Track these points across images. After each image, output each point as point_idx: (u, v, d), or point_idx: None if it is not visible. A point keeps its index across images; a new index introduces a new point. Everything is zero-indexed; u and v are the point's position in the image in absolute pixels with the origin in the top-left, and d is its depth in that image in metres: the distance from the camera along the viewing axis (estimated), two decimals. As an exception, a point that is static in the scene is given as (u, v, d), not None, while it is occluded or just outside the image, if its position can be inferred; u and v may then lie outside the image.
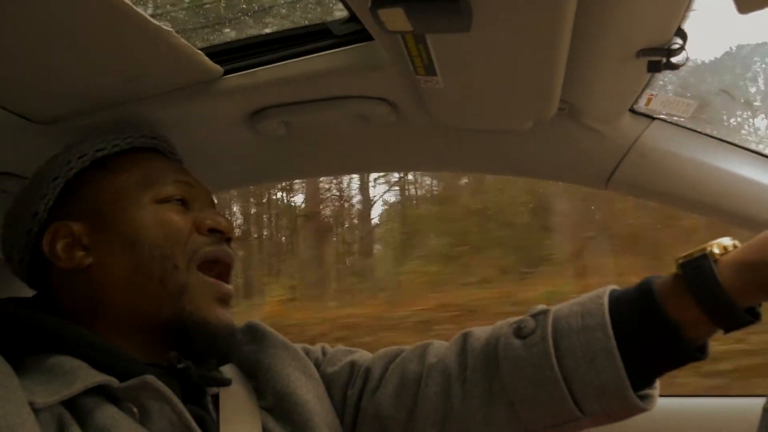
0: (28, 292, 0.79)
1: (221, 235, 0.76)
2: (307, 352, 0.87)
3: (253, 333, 0.85)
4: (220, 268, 0.76)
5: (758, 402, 0.66)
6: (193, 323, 0.71)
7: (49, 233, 0.73)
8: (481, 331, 0.77)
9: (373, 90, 0.89)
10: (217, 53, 0.87)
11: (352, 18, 0.80)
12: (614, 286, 0.71)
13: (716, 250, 0.63)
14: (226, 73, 0.87)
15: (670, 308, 0.64)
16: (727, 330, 0.63)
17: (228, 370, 0.79)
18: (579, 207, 4.38)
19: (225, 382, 0.74)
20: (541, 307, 0.73)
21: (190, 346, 0.71)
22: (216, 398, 0.73)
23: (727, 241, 0.65)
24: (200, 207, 0.79)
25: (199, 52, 0.81)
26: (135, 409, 0.63)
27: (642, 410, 0.67)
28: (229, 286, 0.76)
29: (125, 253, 0.72)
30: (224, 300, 0.74)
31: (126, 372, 0.65)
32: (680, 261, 0.64)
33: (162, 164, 0.81)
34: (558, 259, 4.47)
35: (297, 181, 5.79)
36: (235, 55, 0.89)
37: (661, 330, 0.64)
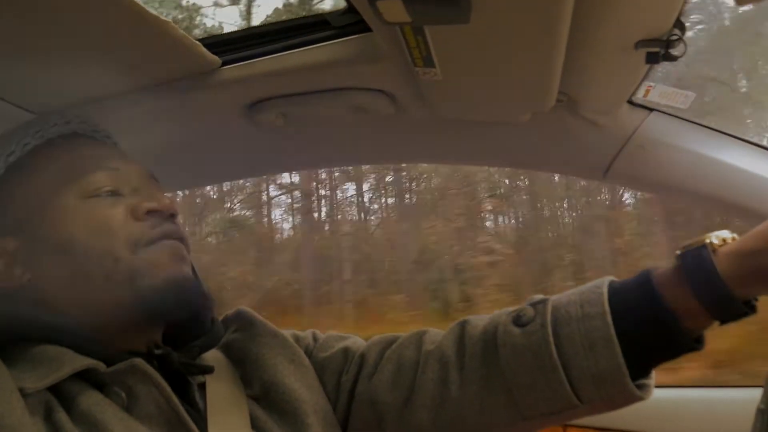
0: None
1: (161, 214, 0.72)
2: (297, 339, 0.86)
3: (242, 320, 0.84)
4: (171, 237, 0.73)
5: (755, 392, 0.67)
6: (153, 293, 0.68)
7: None
8: (478, 320, 0.77)
9: (372, 82, 0.89)
10: (215, 44, 0.87)
11: (351, 9, 0.80)
12: (612, 278, 0.72)
13: (715, 241, 0.64)
14: (224, 64, 0.87)
15: (668, 298, 0.64)
16: (723, 321, 0.64)
17: (215, 358, 0.78)
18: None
19: (207, 370, 0.73)
20: (540, 296, 0.74)
21: (162, 317, 0.70)
22: (202, 387, 0.73)
23: (726, 233, 0.65)
24: (134, 189, 0.74)
25: (197, 43, 0.81)
26: (122, 394, 0.62)
27: (639, 399, 0.67)
28: (178, 242, 0.72)
29: (62, 260, 0.68)
30: (176, 254, 0.71)
31: (110, 358, 0.64)
32: (679, 251, 0.65)
33: (83, 152, 0.75)
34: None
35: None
36: (233, 46, 0.88)
37: (659, 320, 0.64)
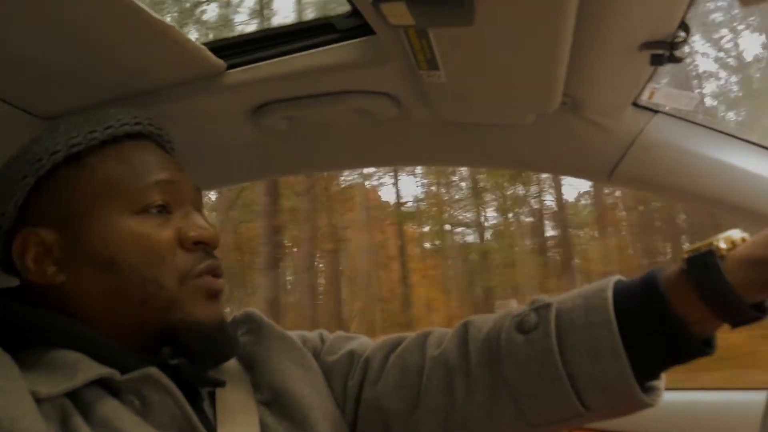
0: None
1: (206, 246, 0.71)
2: (305, 341, 0.85)
3: (250, 323, 0.84)
4: (212, 272, 0.72)
5: (761, 396, 0.66)
6: (183, 328, 0.68)
7: (19, 241, 0.68)
8: (482, 321, 0.76)
9: (376, 84, 0.89)
10: (220, 48, 0.87)
11: (355, 12, 0.80)
12: (618, 277, 0.71)
13: (723, 245, 0.62)
14: (229, 67, 0.87)
15: (676, 304, 0.63)
16: (735, 326, 0.62)
17: (226, 364, 0.77)
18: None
19: (219, 383, 0.72)
20: (544, 299, 0.73)
21: (182, 347, 0.69)
22: (212, 394, 0.73)
23: (736, 234, 0.63)
24: (184, 208, 0.73)
25: (202, 46, 0.81)
26: (136, 402, 0.62)
27: (647, 406, 0.66)
28: (221, 280, 0.72)
29: (101, 274, 0.67)
30: (214, 295, 0.71)
31: (125, 366, 0.64)
32: (686, 255, 0.63)
33: (145, 157, 0.73)
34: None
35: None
36: (237, 50, 0.89)
37: (667, 325, 0.63)
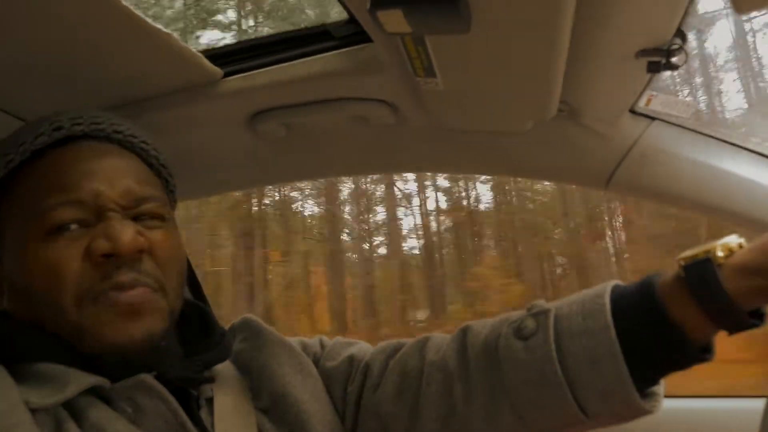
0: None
1: (120, 259, 0.63)
2: (305, 347, 0.85)
3: (248, 330, 0.83)
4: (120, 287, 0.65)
5: (758, 403, 0.66)
6: (103, 353, 0.63)
7: None
8: (480, 326, 0.76)
9: (373, 92, 0.89)
10: (217, 56, 0.87)
11: (351, 20, 0.80)
12: (616, 282, 0.70)
13: (720, 253, 0.62)
14: (226, 75, 0.87)
15: (673, 311, 0.63)
16: (732, 333, 0.62)
17: (224, 370, 0.77)
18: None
19: (208, 380, 0.72)
20: (542, 304, 0.72)
21: (115, 370, 0.64)
22: (211, 401, 0.72)
23: (733, 240, 0.63)
24: (108, 217, 0.65)
25: (199, 54, 0.81)
26: (129, 409, 0.62)
27: (647, 412, 0.66)
28: (132, 291, 0.64)
29: (24, 298, 0.65)
30: (128, 312, 0.63)
31: (115, 374, 0.63)
32: (683, 263, 0.63)
33: (64, 169, 0.67)
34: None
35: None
36: (234, 58, 0.89)
37: (664, 332, 0.63)
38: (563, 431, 0.70)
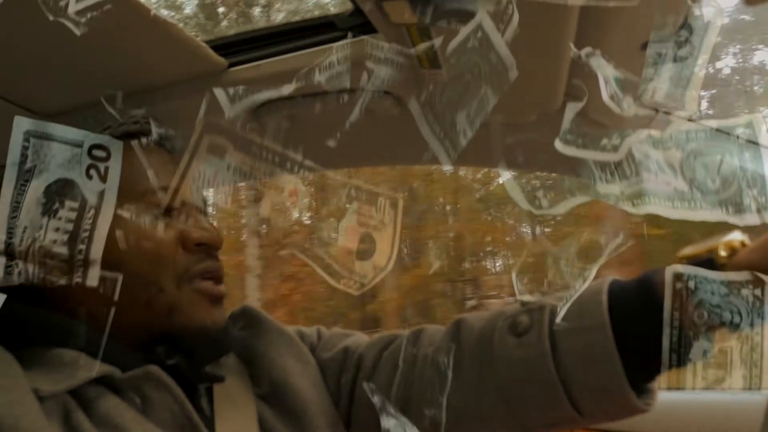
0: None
1: (208, 248, 0.72)
2: (302, 337, 0.86)
3: (248, 318, 0.84)
4: (210, 275, 0.72)
5: (761, 397, 0.66)
6: (186, 332, 0.68)
7: None
8: (475, 320, 0.76)
9: (378, 83, 0.89)
10: (222, 46, 0.87)
11: (357, 11, 0.80)
12: (614, 277, 0.70)
13: (723, 252, 0.61)
14: (231, 65, 0.87)
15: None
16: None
17: (225, 357, 0.78)
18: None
19: (218, 379, 0.73)
20: (536, 298, 0.72)
21: (183, 349, 0.69)
22: (210, 390, 0.73)
23: (736, 237, 0.62)
24: (186, 209, 0.72)
25: (204, 44, 0.81)
26: (137, 399, 0.63)
27: (642, 411, 0.65)
28: (220, 287, 0.72)
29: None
30: (216, 300, 0.71)
31: (124, 364, 0.64)
32: (684, 262, 0.63)
33: (147, 158, 0.71)
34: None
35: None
36: (239, 48, 0.89)
37: (662, 329, 0.63)
38: (558, 429, 0.70)
